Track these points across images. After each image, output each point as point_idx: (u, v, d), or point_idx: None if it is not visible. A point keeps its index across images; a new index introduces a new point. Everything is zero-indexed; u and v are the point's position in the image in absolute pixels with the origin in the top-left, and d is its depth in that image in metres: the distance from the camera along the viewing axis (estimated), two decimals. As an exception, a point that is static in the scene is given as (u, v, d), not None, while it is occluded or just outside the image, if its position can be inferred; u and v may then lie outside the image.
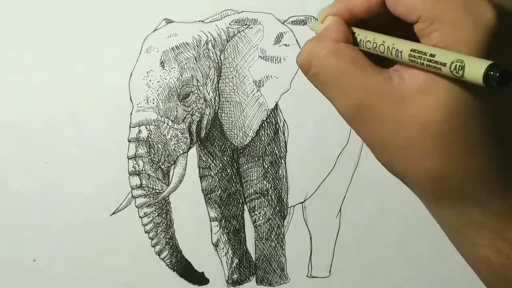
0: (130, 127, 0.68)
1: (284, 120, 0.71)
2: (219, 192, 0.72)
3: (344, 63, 0.36)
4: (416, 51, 0.34)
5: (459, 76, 0.32)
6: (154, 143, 0.68)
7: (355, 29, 0.40)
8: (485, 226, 0.35)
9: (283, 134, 0.72)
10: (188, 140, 0.70)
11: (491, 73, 0.30)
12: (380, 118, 0.35)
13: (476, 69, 0.31)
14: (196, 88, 0.69)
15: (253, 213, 0.72)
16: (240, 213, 0.72)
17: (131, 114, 0.68)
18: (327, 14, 0.40)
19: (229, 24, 0.70)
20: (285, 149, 0.72)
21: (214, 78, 0.70)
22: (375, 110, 0.35)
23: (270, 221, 0.71)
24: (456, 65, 0.32)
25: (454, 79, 0.32)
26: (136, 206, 0.68)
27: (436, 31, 0.33)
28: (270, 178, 0.72)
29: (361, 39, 0.38)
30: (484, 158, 0.34)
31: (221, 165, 0.72)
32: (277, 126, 0.71)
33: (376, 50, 0.37)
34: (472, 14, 0.33)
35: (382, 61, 0.37)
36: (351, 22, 0.40)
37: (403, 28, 0.36)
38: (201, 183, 0.71)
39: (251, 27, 0.70)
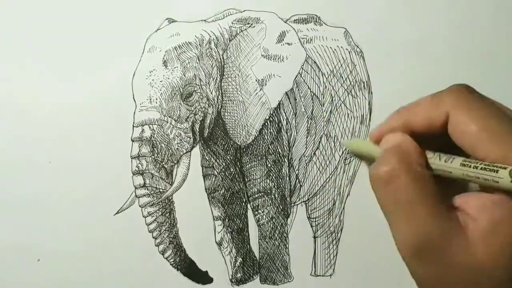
0: (133, 126, 0.68)
1: (287, 119, 0.71)
2: (223, 191, 0.72)
3: (427, 195, 0.35)
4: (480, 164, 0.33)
5: None
6: (158, 142, 0.69)
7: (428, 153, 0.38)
8: None
9: (286, 132, 0.72)
10: (191, 139, 0.70)
11: None
12: (446, 258, 0.34)
13: None
14: (199, 88, 0.69)
15: (256, 212, 0.72)
16: (244, 212, 0.72)
17: (134, 113, 0.68)
18: (384, 131, 0.39)
19: (232, 23, 0.70)
20: (288, 148, 0.72)
21: (216, 77, 0.70)
22: (441, 250, 0.34)
23: (274, 220, 0.71)
24: None
25: None
26: (139, 206, 0.68)
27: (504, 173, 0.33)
28: (273, 177, 0.72)
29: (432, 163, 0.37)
30: None
31: (224, 164, 0.72)
32: (280, 125, 0.71)
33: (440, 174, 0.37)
34: None
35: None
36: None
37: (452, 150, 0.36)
38: (204, 182, 0.71)
39: (254, 26, 0.70)
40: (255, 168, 0.72)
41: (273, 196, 0.72)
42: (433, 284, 0.35)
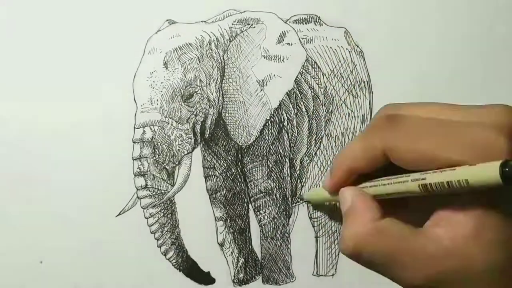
0: (134, 128, 0.68)
1: (288, 119, 0.71)
2: (224, 191, 0.72)
3: (395, 241, 0.36)
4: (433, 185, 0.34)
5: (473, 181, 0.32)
6: (159, 143, 0.69)
7: (364, 184, 0.40)
8: None
9: (287, 133, 0.72)
10: (192, 140, 0.70)
11: (507, 169, 0.31)
12: (454, 279, 0.35)
13: (490, 169, 0.31)
14: (200, 89, 0.69)
15: (258, 212, 0.72)
16: (245, 212, 0.72)
17: (135, 115, 0.68)
18: (333, 183, 0.42)
19: (232, 24, 0.70)
20: (289, 148, 0.72)
21: (217, 78, 0.70)
22: (443, 274, 0.35)
23: (275, 220, 0.72)
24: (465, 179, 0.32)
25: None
26: (141, 207, 0.69)
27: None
28: (274, 177, 0.72)
29: (377, 193, 0.39)
30: None
31: (225, 165, 0.72)
32: (281, 125, 0.71)
33: (395, 196, 0.38)
34: (491, 155, 0.33)
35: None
36: (354, 180, 0.41)
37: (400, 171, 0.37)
38: (206, 183, 0.71)
39: (254, 27, 0.70)
40: (256, 168, 0.72)
41: (274, 197, 0.72)
42: None
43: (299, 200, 0.70)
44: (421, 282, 0.36)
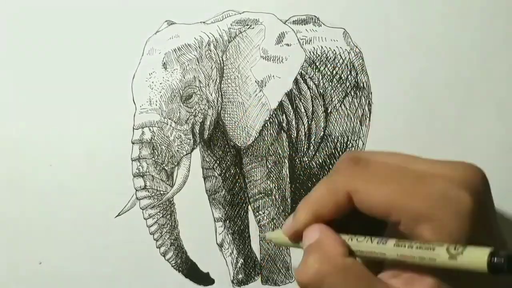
0: (133, 129, 0.68)
1: (287, 120, 0.71)
2: (223, 192, 0.72)
3: (358, 281, 0.36)
4: (414, 245, 0.34)
5: (458, 261, 0.32)
6: (158, 144, 0.69)
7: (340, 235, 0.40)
8: None
9: (286, 133, 0.72)
10: (191, 141, 0.70)
11: (495, 259, 0.30)
12: None
13: (477, 255, 0.31)
14: (199, 89, 0.69)
15: (257, 213, 0.72)
16: (244, 213, 0.72)
17: (134, 116, 0.68)
18: (297, 227, 0.41)
19: (231, 24, 0.70)
20: (288, 149, 0.72)
21: (216, 79, 0.70)
22: None
23: (275, 221, 0.72)
24: (456, 249, 0.32)
25: None
26: (140, 208, 0.69)
27: (426, 230, 0.34)
28: (273, 178, 0.72)
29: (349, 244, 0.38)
30: None
31: (224, 165, 0.72)
32: (280, 126, 0.71)
33: (364, 256, 0.38)
34: (453, 208, 0.34)
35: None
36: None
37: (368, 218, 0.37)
38: (205, 184, 0.71)
39: (253, 28, 0.70)
40: (255, 169, 0.72)
41: (273, 197, 0.72)
42: None
43: (262, 239, 0.71)
44: None
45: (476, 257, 0.31)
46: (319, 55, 0.71)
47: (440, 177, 0.35)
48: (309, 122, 0.72)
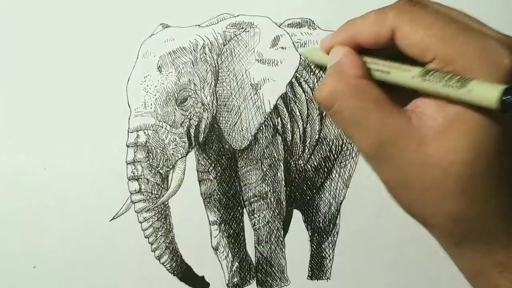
0: (128, 132, 0.68)
1: (282, 123, 0.71)
2: (218, 195, 0.72)
3: (368, 102, 0.36)
4: (431, 72, 0.34)
5: (473, 96, 0.31)
6: (153, 148, 0.68)
7: (364, 58, 0.39)
8: (508, 268, 0.34)
9: (281, 136, 0.72)
10: (187, 144, 0.70)
11: (509, 97, 0.30)
12: (402, 159, 0.34)
13: (490, 89, 0.31)
14: (194, 92, 0.69)
15: (252, 216, 0.72)
16: (240, 216, 0.72)
17: (129, 119, 0.68)
18: (332, 44, 0.41)
19: (226, 28, 0.70)
20: (283, 152, 0.72)
21: (211, 82, 0.70)
22: (396, 151, 0.35)
23: (270, 224, 0.72)
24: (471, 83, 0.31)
25: (474, 121, 0.32)
26: (135, 211, 0.68)
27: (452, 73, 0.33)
28: (268, 181, 0.72)
29: (372, 68, 0.38)
30: (506, 199, 0.34)
31: (220, 168, 0.72)
32: (275, 129, 0.72)
33: (388, 80, 0.37)
34: (489, 60, 0.33)
35: (394, 91, 0.37)
36: (356, 50, 0.40)
37: (407, 60, 0.36)
38: (200, 187, 0.71)
39: (248, 31, 0.70)
40: (250, 172, 0.72)
41: (268, 200, 0.72)
42: (396, 185, 0.36)
43: (299, 54, 0.69)
44: (371, 150, 0.36)
45: (488, 91, 0.31)
46: (314, 58, 0.71)
47: (491, 38, 0.34)
48: (304, 125, 0.72)
